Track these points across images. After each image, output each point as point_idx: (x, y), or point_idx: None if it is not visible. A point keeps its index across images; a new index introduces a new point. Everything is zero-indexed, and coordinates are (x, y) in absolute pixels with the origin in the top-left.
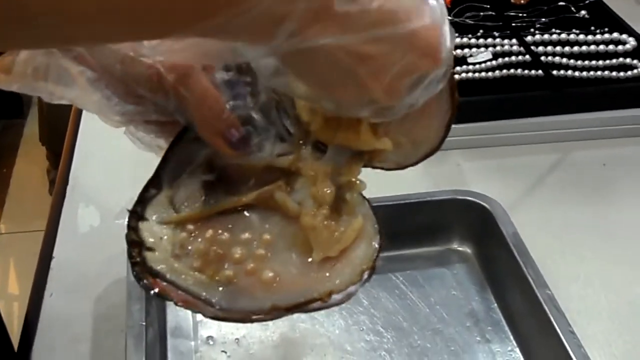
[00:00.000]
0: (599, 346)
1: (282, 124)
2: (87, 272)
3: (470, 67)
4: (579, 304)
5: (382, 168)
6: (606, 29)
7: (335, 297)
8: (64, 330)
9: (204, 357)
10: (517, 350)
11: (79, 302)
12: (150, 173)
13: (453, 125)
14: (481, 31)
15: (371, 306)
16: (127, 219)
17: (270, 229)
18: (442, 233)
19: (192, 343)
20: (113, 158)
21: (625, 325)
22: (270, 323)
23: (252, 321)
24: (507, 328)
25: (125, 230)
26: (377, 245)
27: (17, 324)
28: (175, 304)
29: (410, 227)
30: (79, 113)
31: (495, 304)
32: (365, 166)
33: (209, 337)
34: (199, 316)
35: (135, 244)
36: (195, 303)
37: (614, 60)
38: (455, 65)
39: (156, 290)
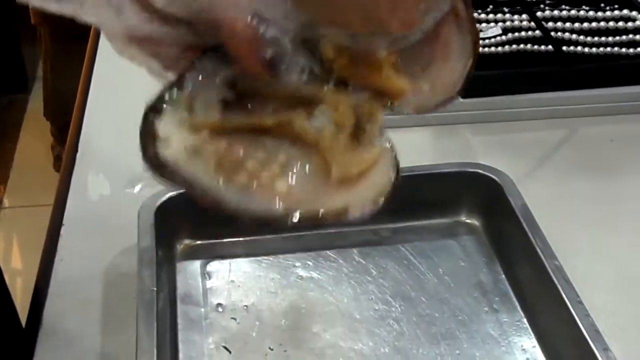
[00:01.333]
0: (606, 317)
1: (307, 61)
2: (97, 239)
3: (480, 42)
4: (586, 276)
5: (401, 113)
6: (616, 6)
7: (351, 213)
8: (74, 296)
9: (213, 324)
10: (525, 320)
11: (89, 268)
12: None
13: (462, 100)
14: (491, 6)
15: (380, 276)
16: (143, 113)
17: (287, 153)
18: (451, 205)
19: (202, 310)
20: (122, 127)
21: (632, 296)
22: (279, 291)
23: (263, 222)
24: (514, 299)
25: (140, 124)
26: (393, 175)
27: (20, 299)
28: (189, 196)
29: (418, 199)
30: (88, 80)
31: (503, 275)
32: (384, 107)
33: (219, 305)
34: (209, 283)
35: (149, 136)
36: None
37: (624, 37)
38: None
39: (167, 180)
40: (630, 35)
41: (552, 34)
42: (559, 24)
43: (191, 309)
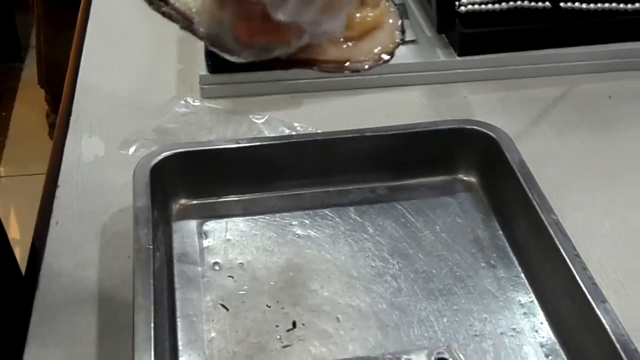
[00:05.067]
0: (603, 270)
1: None
2: (92, 201)
3: None
4: (583, 230)
5: None
6: None
7: (350, 65)
8: (70, 257)
9: (210, 282)
10: (522, 275)
11: (84, 229)
12: (152, 106)
13: (459, 58)
14: None
15: (376, 234)
16: None
17: None
18: (448, 163)
19: (199, 268)
20: (116, 90)
21: (628, 250)
22: (275, 249)
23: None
24: (512, 254)
25: None
26: (398, 35)
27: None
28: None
29: (415, 156)
30: (81, 44)
31: (500, 231)
32: None
33: (215, 263)
34: (206, 242)
35: None
36: (194, 30)
37: None
38: None
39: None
40: None
41: None
42: None
43: (188, 267)
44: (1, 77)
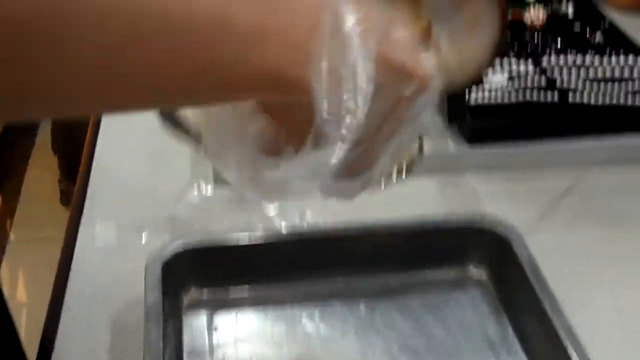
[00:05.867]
0: None
1: None
2: (105, 287)
3: (486, 92)
4: (594, 329)
5: None
6: (621, 51)
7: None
8: (81, 345)
9: None
10: None
11: (96, 317)
12: (165, 192)
13: (468, 149)
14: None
15: (386, 328)
16: None
17: None
18: (458, 257)
19: None
20: (130, 174)
21: None
22: (285, 343)
23: None
24: (522, 353)
25: None
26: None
27: (24, 331)
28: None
29: (425, 251)
30: (97, 126)
31: (511, 329)
32: None
33: (225, 357)
34: (215, 336)
35: None
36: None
37: (630, 86)
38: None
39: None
40: (637, 84)
41: (558, 83)
42: (565, 72)
43: None
44: (14, 141)
